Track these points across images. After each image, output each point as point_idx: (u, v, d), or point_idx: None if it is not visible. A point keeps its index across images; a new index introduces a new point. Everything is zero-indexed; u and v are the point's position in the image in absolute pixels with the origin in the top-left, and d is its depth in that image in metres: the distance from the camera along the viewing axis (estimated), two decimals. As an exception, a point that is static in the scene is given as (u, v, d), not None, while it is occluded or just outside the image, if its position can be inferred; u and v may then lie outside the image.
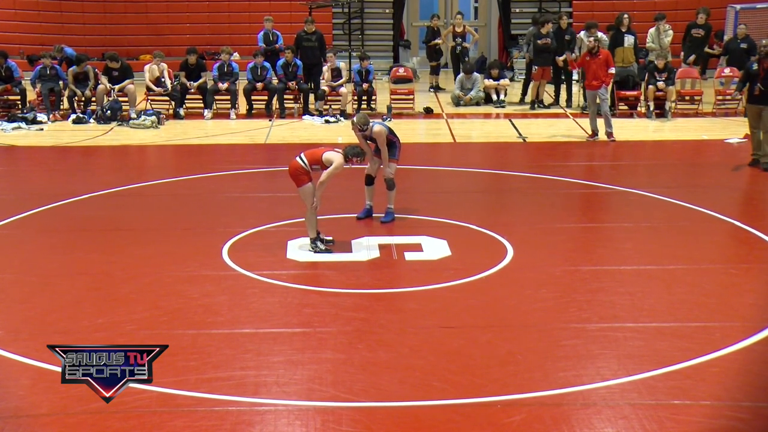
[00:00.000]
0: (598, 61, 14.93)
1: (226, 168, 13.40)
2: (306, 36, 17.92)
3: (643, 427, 5.80)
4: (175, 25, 23.45)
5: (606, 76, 14.92)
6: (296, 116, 17.54)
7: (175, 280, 8.54)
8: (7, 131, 16.17)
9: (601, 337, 7.20)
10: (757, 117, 12.43)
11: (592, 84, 15.02)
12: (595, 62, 14.94)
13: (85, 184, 12.33)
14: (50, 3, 23.28)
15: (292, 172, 9.21)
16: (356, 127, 10.06)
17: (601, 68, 14.92)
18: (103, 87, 17.21)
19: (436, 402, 6.14)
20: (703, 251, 9.60)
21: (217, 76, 17.66)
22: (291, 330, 7.43)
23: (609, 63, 15.01)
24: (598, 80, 14.90)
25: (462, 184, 12.69)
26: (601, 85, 14.90)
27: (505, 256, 9.17)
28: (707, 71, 20.09)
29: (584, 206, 11.44)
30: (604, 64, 14.94)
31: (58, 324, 7.55)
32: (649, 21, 19.39)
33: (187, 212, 11.06)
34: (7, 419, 5.90)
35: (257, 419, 5.97)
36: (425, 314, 7.75)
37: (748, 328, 7.30)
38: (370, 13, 24.15)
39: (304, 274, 8.83)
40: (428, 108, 18.36)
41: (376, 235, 9.88)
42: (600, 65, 14.93)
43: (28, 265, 8.99)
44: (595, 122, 15.24)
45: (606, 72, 14.93)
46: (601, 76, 14.89)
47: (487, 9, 24.85)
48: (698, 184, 12.28)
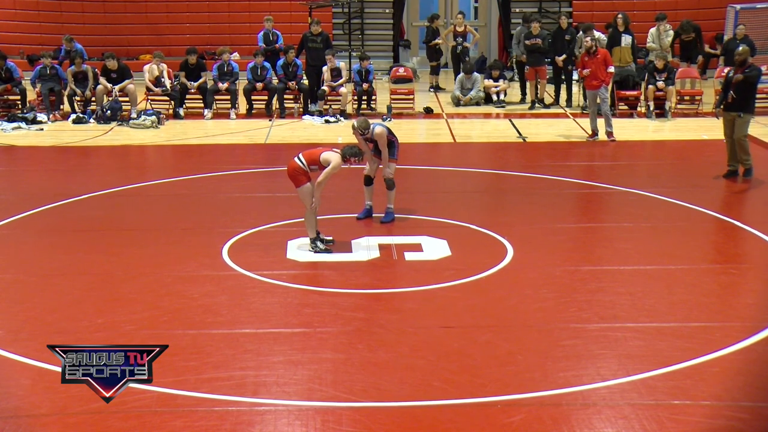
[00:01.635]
0: (596, 60, 14.91)
1: (226, 168, 13.40)
2: (312, 37, 17.92)
3: (643, 427, 5.80)
4: (175, 25, 23.45)
5: (605, 76, 14.91)
6: (296, 116, 17.54)
7: (175, 280, 8.55)
8: (7, 131, 16.17)
9: (601, 337, 7.20)
10: (731, 125, 12.34)
11: (592, 84, 15.01)
12: (594, 62, 14.93)
13: (85, 184, 12.33)
14: (50, 3, 23.27)
15: (290, 173, 9.22)
16: (357, 131, 10.05)
17: (599, 68, 14.91)
18: (103, 87, 17.21)
19: (436, 402, 6.14)
20: (703, 251, 9.61)
21: (217, 76, 17.66)
22: (291, 330, 7.43)
23: (607, 62, 15.00)
24: (598, 80, 14.89)
25: (462, 184, 12.69)
26: (601, 84, 14.89)
27: (505, 256, 9.17)
28: (707, 71, 20.09)
29: (584, 206, 11.44)
30: (603, 64, 14.93)
31: (58, 324, 7.55)
32: (649, 21, 19.39)
33: (187, 212, 11.06)
34: (7, 419, 5.90)
35: (257, 419, 5.97)
36: (425, 314, 7.75)
37: (748, 328, 7.30)
38: (370, 13, 24.15)
39: (304, 274, 8.83)
40: (428, 108, 18.37)
41: (376, 235, 9.88)
42: (598, 65, 14.92)
43: (28, 265, 9.00)
44: (596, 122, 15.23)
45: (605, 71, 14.92)
46: (600, 75, 14.89)
47: (487, 9, 24.85)
48: (698, 184, 12.28)
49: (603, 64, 14.92)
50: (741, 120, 12.24)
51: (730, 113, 12.33)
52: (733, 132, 12.30)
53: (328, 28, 22.35)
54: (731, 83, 12.29)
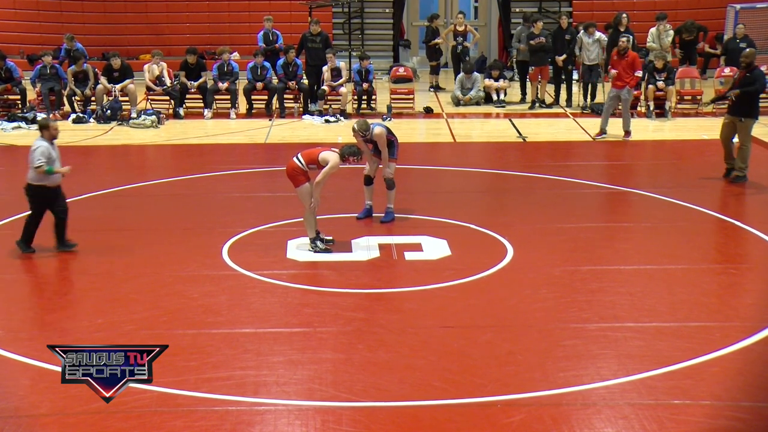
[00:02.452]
0: (624, 62, 15.00)
1: (226, 168, 13.40)
2: (311, 37, 17.91)
3: (643, 427, 5.81)
4: (175, 25, 23.42)
5: (630, 78, 15.00)
6: (296, 116, 17.53)
7: (175, 280, 8.55)
8: (7, 131, 16.16)
9: (601, 337, 7.20)
10: (729, 128, 12.23)
11: (617, 83, 15.13)
12: (622, 63, 15.03)
13: (85, 184, 12.31)
14: (50, 3, 23.25)
15: (289, 173, 9.23)
16: (357, 133, 10.04)
17: (626, 70, 14.99)
18: (103, 86, 17.20)
19: (436, 402, 6.15)
20: (703, 251, 9.61)
21: (217, 76, 17.66)
22: (291, 330, 7.44)
23: (635, 65, 15.08)
24: (623, 81, 14.98)
25: (462, 184, 12.69)
26: (625, 86, 15.00)
27: (505, 256, 9.17)
28: (707, 71, 20.08)
29: (584, 206, 11.44)
30: (630, 66, 15.00)
31: (58, 324, 7.55)
32: (649, 21, 19.37)
33: (187, 212, 11.06)
34: (7, 419, 5.91)
35: (257, 419, 5.97)
36: (425, 314, 7.76)
37: (748, 328, 7.30)
38: (370, 12, 24.12)
39: (304, 274, 8.83)
40: (428, 108, 18.36)
41: (376, 235, 9.88)
42: (626, 67, 15.00)
43: (28, 265, 9.00)
44: (607, 121, 15.30)
45: (631, 74, 15.00)
46: (625, 77, 14.98)
47: (487, 9, 24.84)
48: (698, 184, 12.28)
49: (630, 67, 14.99)
50: (742, 125, 12.11)
51: (730, 117, 12.27)
52: (729, 135, 12.20)
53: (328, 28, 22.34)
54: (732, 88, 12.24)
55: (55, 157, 9.20)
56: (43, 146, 9.08)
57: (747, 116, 12.09)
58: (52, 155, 9.13)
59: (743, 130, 12.09)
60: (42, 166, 9.02)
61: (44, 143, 9.13)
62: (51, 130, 9.23)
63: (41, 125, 9.35)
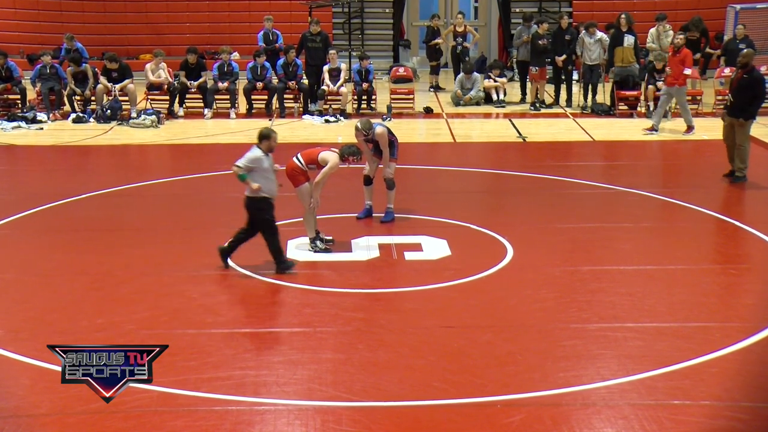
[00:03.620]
0: (675, 59, 15.26)
1: (226, 168, 13.32)
2: (311, 37, 17.92)
3: (643, 427, 5.81)
4: (175, 25, 23.43)
5: (678, 76, 15.22)
6: (296, 116, 17.53)
7: (175, 280, 8.55)
8: (7, 130, 16.16)
9: (601, 337, 7.20)
10: (730, 129, 12.22)
11: (669, 80, 15.39)
12: (674, 60, 15.29)
13: (85, 183, 12.33)
14: (50, 3, 23.26)
15: (288, 173, 9.23)
16: (360, 132, 10.03)
17: (677, 66, 15.20)
18: (103, 86, 17.20)
19: (436, 402, 6.15)
20: (703, 251, 9.61)
21: (217, 76, 17.66)
22: (291, 330, 7.44)
23: (685, 63, 15.30)
24: (674, 78, 15.22)
25: (462, 184, 12.69)
26: (674, 83, 15.24)
27: (505, 256, 9.17)
28: (707, 71, 20.08)
29: (584, 206, 11.44)
30: (680, 64, 15.20)
31: (58, 324, 7.55)
32: (649, 21, 19.37)
33: (187, 212, 11.06)
34: (7, 419, 5.91)
35: (257, 419, 5.97)
36: (425, 314, 7.76)
37: (748, 329, 7.30)
38: (370, 12, 24.13)
39: (304, 273, 8.83)
40: (428, 108, 18.36)
41: (376, 235, 9.88)
42: (676, 64, 15.23)
43: (28, 265, 9.00)
44: (660, 118, 15.61)
45: (680, 71, 15.21)
46: (675, 74, 15.19)
47: (487, 9, 24.84)
48: (698, 184, 12.28)
49: (680, 64, 15.19)
50: (740, 125, 12.09)
51: (728, 118, 12.27)
52: (732, 136, 12.20)
53: (328, 28, 22.34)
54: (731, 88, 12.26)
55: (267, 167, 8.60)
56: (258, 154, 8.56)
57: (745, 117, 12.10)
58: (263, 164, 8.56)
59: (742, 130, 12.11)
60: (240, 169, 8.52)
61: (259, 153, 8.58)
62: (271, 141, 8.60)
63: (262, 135, 8.62)
